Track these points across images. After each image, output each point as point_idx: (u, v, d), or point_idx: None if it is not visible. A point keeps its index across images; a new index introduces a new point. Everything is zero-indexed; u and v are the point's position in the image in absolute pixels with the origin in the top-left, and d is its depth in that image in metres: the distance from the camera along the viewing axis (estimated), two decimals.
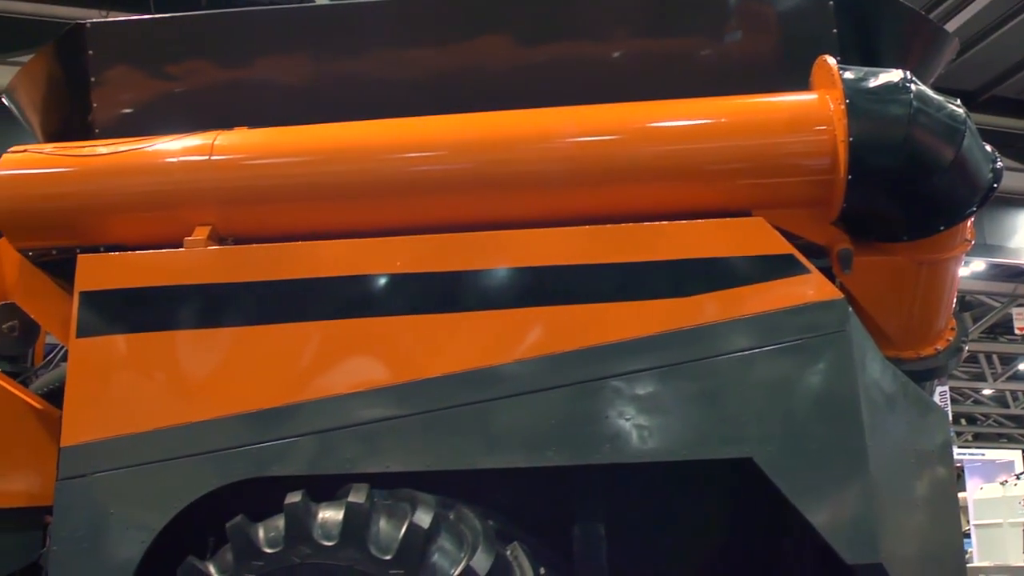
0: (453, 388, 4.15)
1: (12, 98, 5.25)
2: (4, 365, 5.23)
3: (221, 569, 3.88)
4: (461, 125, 4.59)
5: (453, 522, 4.00)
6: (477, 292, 4.25)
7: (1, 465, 4.60)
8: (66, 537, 4.18)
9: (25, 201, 4.66)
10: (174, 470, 4.16)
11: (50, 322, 4.98)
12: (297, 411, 4.17)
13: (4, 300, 5.23)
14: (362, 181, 4.48)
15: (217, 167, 4.53)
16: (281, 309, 4.26)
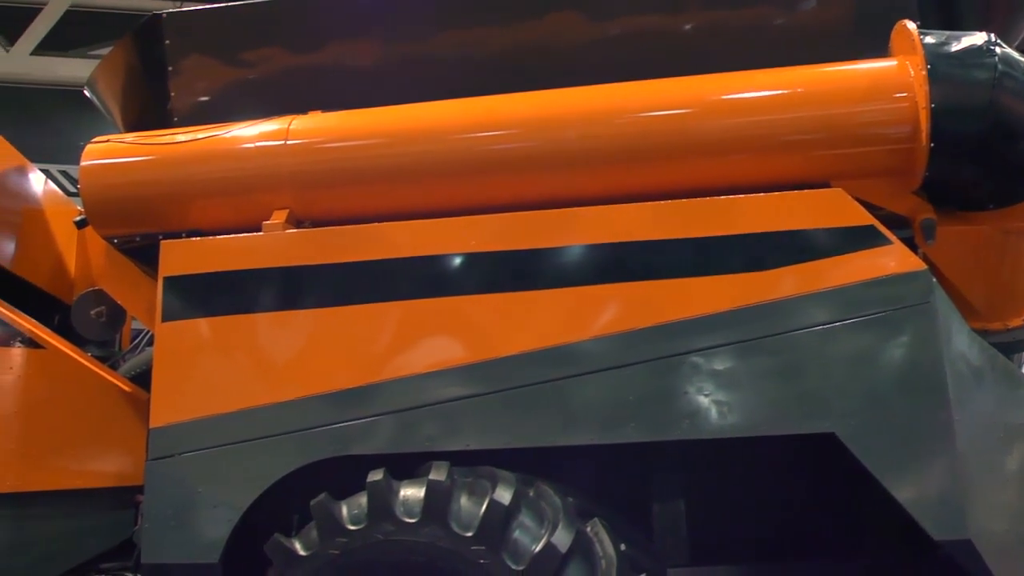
0: (530, 366, 4.16)
1: (93, 90, 5.36)
2: (93, 350, 5.38)
3: (306, 546, 3.94)
4: (533, 102, 4.58)
5: (533, 499, 4.01)
6: (553, 269, 4.24)
7: (93, 447, 4.75)
8: (157, 515, 4.29)
9: (109, 190, 4.78)
10: (258, 450, 4.24)
11: (136, 307, 5.12)
12: (377, 391, 4.21)
13: (91, 287, 5.39)
14: (435, 161, 4.50)
15: (293, 151, 4.59)
16: (359, 290, 4.30)
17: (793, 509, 4.95)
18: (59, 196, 6.10)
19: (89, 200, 4.80)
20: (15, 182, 5.56)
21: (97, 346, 5.54)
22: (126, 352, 5.74)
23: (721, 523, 4.85)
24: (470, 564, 3.78)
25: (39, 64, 11.70)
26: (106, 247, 5.05)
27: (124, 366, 5.27)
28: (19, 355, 4.73)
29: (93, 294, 5.33)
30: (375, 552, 3.87)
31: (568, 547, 3.77)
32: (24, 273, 5.50)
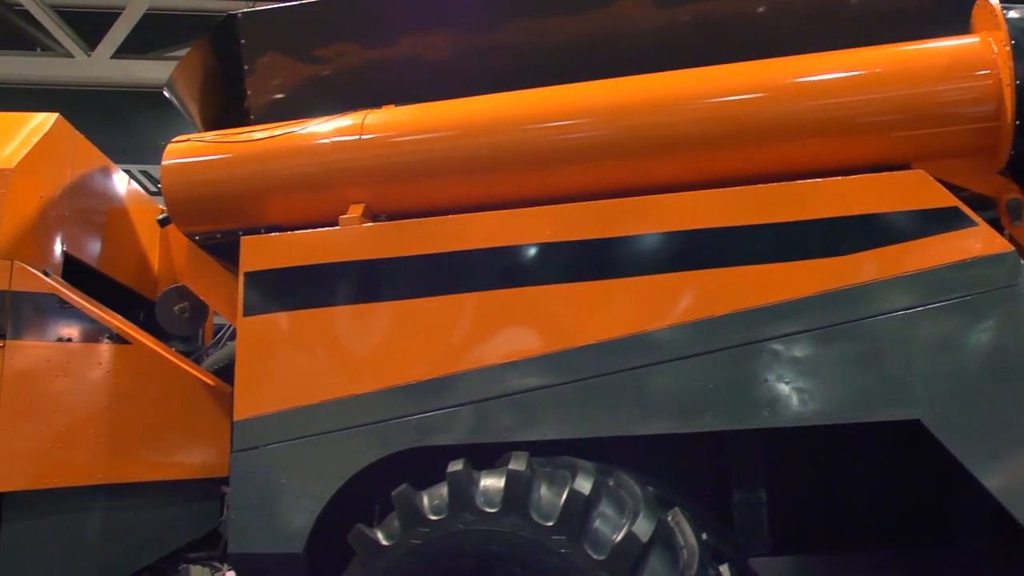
0: (608, 355, 4.15)
1: (172, 90, 5.47)
2: (177, 345, 5.50)
3: (388, 535, 3.98)
4: (606, 90, 4.56)
5: (613, 488, 4.00)
6: (628, 258, 4.22)
7: (180, 440, 4.86)
8: (242, 506, 4.38)
9: (190, 188, 4.88)
10: (339, 442, 4.30)
11: (217, 302, 5.22)
12: (455, 382, 4.24)
13: (174, 283, 5.51)
14: (509, 152, 4.50)
15: (367, 146, 4.64)
16: (436, 282, 4.33)
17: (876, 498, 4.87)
18: (142, 195, 6.25)
19: (171, 198, 4.92)
20: (100, 183, 5.71)
21: (181, 341, 5.67)
22: (209, 347, 5.86)
23: (803, 512, 4.79)
24: (551, 554, 3.78)
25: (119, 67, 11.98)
26: (188, 244, 5.16)
27: (207, 360, 5.38)
28: (107, 351, 4.86)
29: (176, 290, 5.45)
30: (456, 542, 3.89)
31: (649, 537, 3.75)
32: (110, 271, 5.66)
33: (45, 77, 12.21)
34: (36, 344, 4.77)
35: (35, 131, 5.19)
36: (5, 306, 4.73)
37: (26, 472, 4.68)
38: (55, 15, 12.20)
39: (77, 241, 5.35)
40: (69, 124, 5.42)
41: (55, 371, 4.76)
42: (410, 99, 4.84)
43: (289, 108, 5.14)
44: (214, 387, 4.91)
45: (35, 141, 5.10)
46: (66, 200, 5.28)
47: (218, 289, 5.16)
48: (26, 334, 4.76)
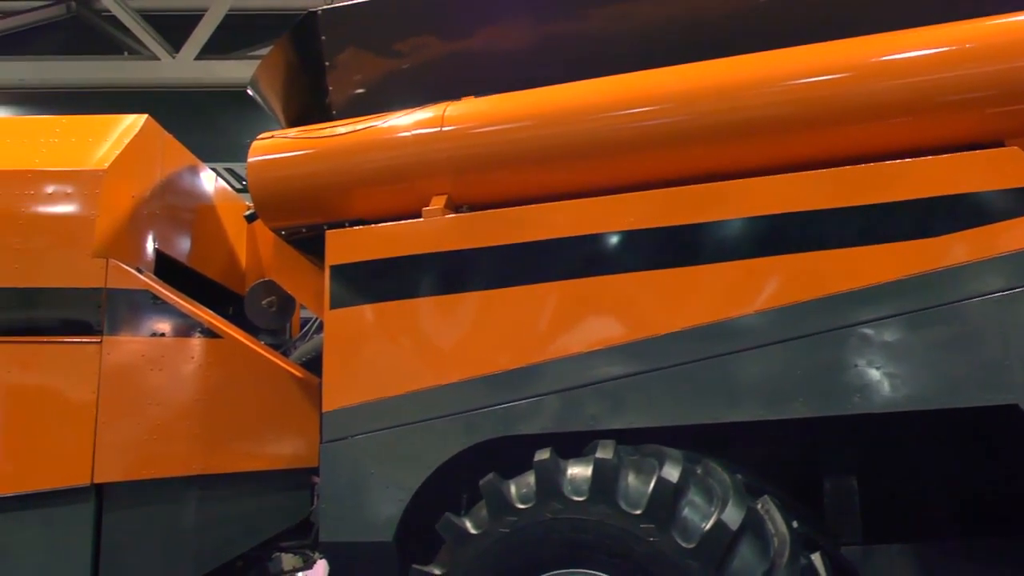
0: (693, 342, 4.12)
1: (256, 88, 5.57)
2: (265, 338, 5.61)
3: (477, 524, 4.01)
4: (685, 75, 4.51)
5: (701, 476, 3.98)
6: (713, 244, 4.18)
7: (270, 431, 4.95)
8: (332, 495, 4.45)
9: (276, 184, 4.96)
10: (426, 432, 4.34)
11: (304, 296, 5.31)
12: (540, 371, 4.25)
13: (262, 278, 5.62)
14: (590, 140, 4.48)
15: (448, 137, 4.66)
16: (520, 272, 4.34)
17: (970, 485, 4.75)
18: (229, 192, 6.39)
19: (257, 194, 5.00)
20: (189, 181, 5.85)
21: (269, 334, 5.78)
22: (296, 339, 5.96)
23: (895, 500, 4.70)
24: (639, 542, 3.77)
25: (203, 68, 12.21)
26: (274, 239, 5.25)
27: (295, 353, 5.47)
28: (199, 345, 4.98)
29: (264, 285, 5.56)
30: (544, 530, 3.90)
31: (739, 524, 3.72)
32: (200, 267, 5.79)
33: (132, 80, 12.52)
34: (131, 339, 4.91)
35: (126, 133, 5.33)
36: (102, 303, 4.88)
37: (125, 464, 4.83)
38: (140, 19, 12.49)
39: (168, 238, 5.49)
40: (158, 125, 5.56)
41: (150, 365, 4.90)
42: (489, 90, 4.84)
43: (370, 102, 5.18)
44: (303, 379, 4.99)
45: (126, 142, 5.25)
46: (157, 199, 5.42)
47: (304, 283, 5.24)
48: (122, 330, 4.91)
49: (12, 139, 5.45)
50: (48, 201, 5.04)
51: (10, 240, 4.98)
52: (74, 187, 5.03)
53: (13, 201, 5.03)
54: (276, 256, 5.32)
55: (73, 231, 4.96)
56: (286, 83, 5.56)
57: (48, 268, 4.95)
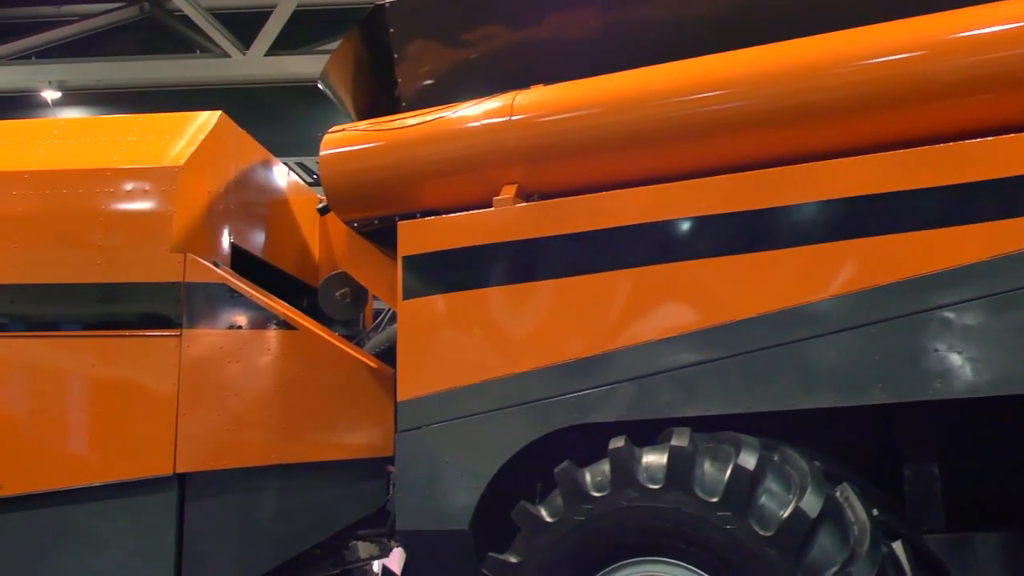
0: (768, 328, 4.06)
1: (326, 82, 5.62)
2: (339, 329, 5.67)
3: (552, 513, 4.02)
4: (758, 57, 4.44)
5: (779, 464, 3.93)
6: (788, 228, 4.12)
7: (346, 421, 5.01)
8: (408, 484, 4.49)
9: (347, 176, 5.01)
10: (500, 420, 4.36)
11: (377, 287, 5.35)
12: (613, 359, 4.23)
13: (335, 270, 5.68)
14: (660, 125, 4.44)
15: (518, 126, 4.66)
16: (591, 259, 4.33)
17: None
18: (301, 186, 6.47)
19: (329, 187, 5.06)
20: (262, 176, 5.94)
21: (343, 325, 5.85)
22: (369, 330, 6.02)
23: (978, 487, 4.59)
24: (716, 530, 3.74)
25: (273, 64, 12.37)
26: (347, 231, 5.30)
27: (369, 343, 5.52)
28: (275, 337, 5.05)
29: (337, 277, 5.62)
30: (620, 518, 3.90)
31: (818, 512, 3.67)
32: (274, 260, 5.88)
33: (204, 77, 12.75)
34: (210, 332, 5.01)
35: (200, 129, 5.43)
36: (180, 297, 4.99)
37: (205, 454, 4.94)
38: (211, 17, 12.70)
39: (242, 232, 5.58)
40: (231, 121, 5.64)
41: (228, 357, 5.00)
42: (558, 77, 4.83)
43: (439, 93, 5.20)
44: (377, 369, 5.04)
45: (201, 139, 5.35)
46: (231, 194, 5.51)
47: (377, 274, 5.28)
48: (200, 323, 5.01)
49: (92, 138, 5.58)
50: (127, 198, 5.16)
51: (91, 237, 5.11)
52: (152, 184, 5.14)
53: (93, 199, 5.16)
54: (349, 248, 5.37)
55: (151, 227, 5.08)
56: (356, 76, 5.60)
57: (128, 263, 5.08)
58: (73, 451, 5.04)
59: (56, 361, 5.11)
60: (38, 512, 5.00)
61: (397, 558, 6.44)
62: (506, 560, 4.08)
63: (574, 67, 4.86)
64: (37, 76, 12.97)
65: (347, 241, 5.37)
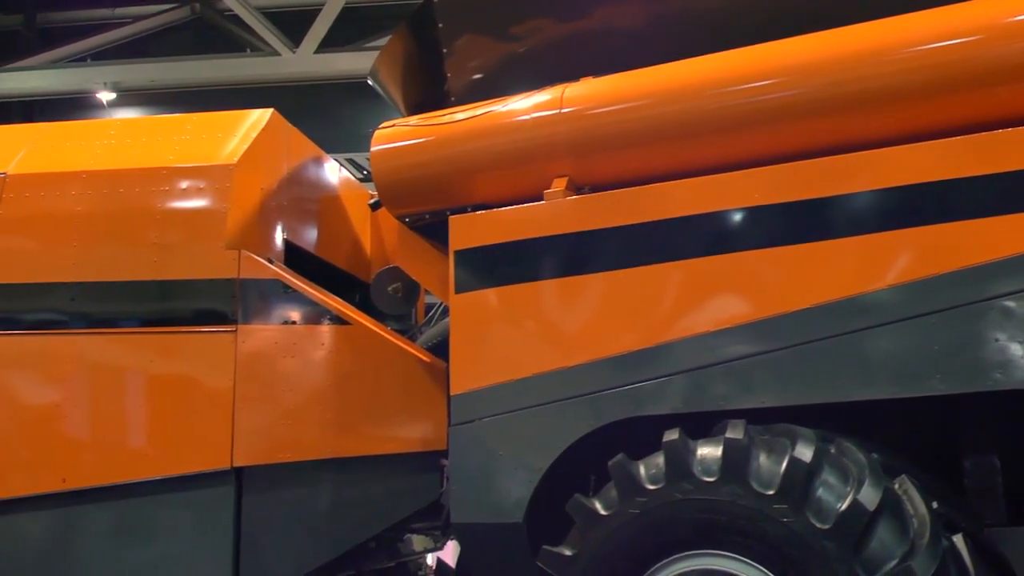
0: (824, 319, 4.02)
1: (376, 79, 5.65)
2: (392, 324, 5.71)
3: (607, 505, 4.01)
4: (810, 45, 4.38)
5: (835, 456, 3.88)
6: (842, 218, 4.07)
7: (399, 414, 5.04)
8: (462, 478, 4.51)
9: (399, 172, 5.03)
10: (554, 414, 4.36)
11: (429, 281, 5.38)
12: (667, 351, 4.21)
13: (387, 265, 5.71)
14: (712, 116, 4.40)
15: (568, 119, 4.65)
16: (643, 251, 4.30)
17: None
18: (352, 182, 6.51)
19: (381, 183, 5.09)
20: (314, 172, 5.99)
21: (395, 320, 5.88)
22: (422, 325, 6.04)
23: None
24: (773, 523, 3.71)
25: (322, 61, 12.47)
26: (398, 226, 5.33)
27: (421, 338, 5.54)
28: (329, 332, 5.09)
29: (389, 271, 5.66)
30: (675, 511, 3.89)
31: (876, 505, 3.62)
32: (327, 256, 5.93)
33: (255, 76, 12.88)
34: (264, 327, 5.06)
35: (253, 127, 5.49)
36: (235, 293, 5.04)
37: (261, 448, 4.99)
38: (261, 16, 12.83)
39: (296, 229, 5.63)
40: (283, 119, 5.69)
41: (282, 352, 5.04)
42: (609, 69, 4.80)
43: (488, 87, 5.20)
44: (430, 363, 5.06)
45: (253, 137, 5.41)
46: (284, 190, 5.57)
47: (429, 268, 5.30)
48: (255, 318, 5.06)
49: (147, 138, 5.66)
50: (182, 196, 5.24)
51: (147, 235, 5.19)
52: (206, 182, 5.21)
53: (149, 197, 5.24)
54: (400, 243, 5.40)
55: (206, 224, 5.14)
56: (405, 72, 5.63)
57: (184, 261, 5.15)
58: (133, 445, 5.13)
59: (115, 357, 5.20)
60: (99, 505, 5.09)
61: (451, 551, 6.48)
62: (560, 553, 4.09)
63: (623, 58, 4.83)
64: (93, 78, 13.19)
65: (399, 236, 5.39)
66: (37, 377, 5.24)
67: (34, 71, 13.41)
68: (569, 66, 4.97)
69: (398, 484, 5.07)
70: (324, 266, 5.87)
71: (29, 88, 13.41)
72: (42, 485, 5.10)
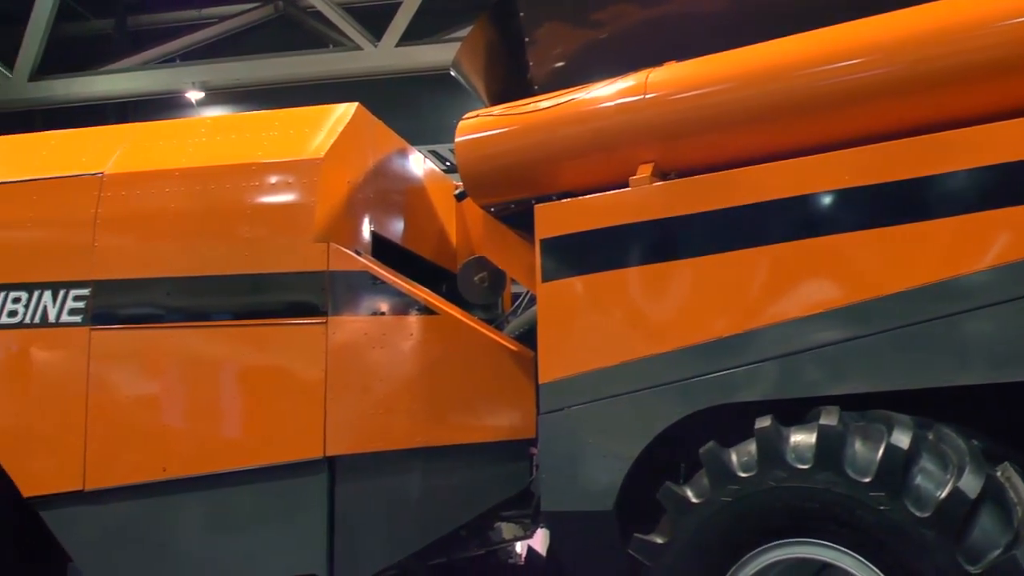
0: (919, 302, 3.92)
1: (459, 70, 5.67)
2: (479, 313, 5.73)
3: (698, 493, 3.98)
4: (900, 22, 4.27)
5: (934, 442, 3.79)
6: (937, 198, 3.96)
7: (488, 403, 5.05)
8: (552, 466, 4.51)
9: (483, 162, 5.04)
10: (643, 401, 4.33)
11: (515, 270, 5.39)
12: (757, 337, 4.15)
13: (473, 255, 5.74)
14: (799, 97, 4.32)
15: (653, 104, 4.60)
16: (732, 237, 4.24)
17: None
18: (437, 173, 6.56)
19: (466, 173, 5.10)
20: (399, 164, 6.04)
21: (482, 309, 5.90)
22: (508, 314, 6.06)
23: None
24: (869, 511, 3.64)
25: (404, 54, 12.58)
26: (484, 216, 5.35)
27: (508, 327, 5.56)
28: (417, 322, 5.13)
29: (475, 261, 5.68)
30: (768, 499, 3.84)
31: (978, 492, 3.53)
32: (413, 247, 5.98)
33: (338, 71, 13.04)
34: (354, 319, 5.12)
35: (338, 121, 5.55)
36: (325, 285, 5.11)
37: (353, 437, 5.06)
38: (343, 12, 12.99)
39: (382, 220, 5.69)
40: (368, 112, 5.75)
41: (372, 343, 5.10)
42: (692, 53, 4.75)
43: (571, 75, 5.18)
44: (517, 352, 5.06)
45: (339, 131, 5.46)
46: (370, 183, 5.63)
47: (515, 257, 5.31)
48: (344, 310, 5.13)
49: (236, 134, 5.78)
50: (271, 191, 5.33)
51: (239, 229, 5.29)
52: (294, 176, 5.29)
53: (240, 192, 5.34)
54: (486, 232, 5.42)
55: (295, 218, 5.22)
56: (487, 62, 5.65)
57: (274, 254, 5.23)
58: (229, 435, 5.24)
59: (210, 350, 5.32)
60: (196, 494, 5.21)
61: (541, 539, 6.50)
62: (652, 541, 4.07)
63: (707, 42, 4.77)
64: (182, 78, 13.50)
65: (484, 226, 5.42)
66: (138, 370, 5.39)
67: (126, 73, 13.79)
68: (652, 51, 4.92)
69: (488, 472, 5.08)
70: (411, 257, 5.92)
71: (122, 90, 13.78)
72: (144, 474, 5.24)
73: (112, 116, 13.75)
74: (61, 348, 5.43)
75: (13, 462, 5.37)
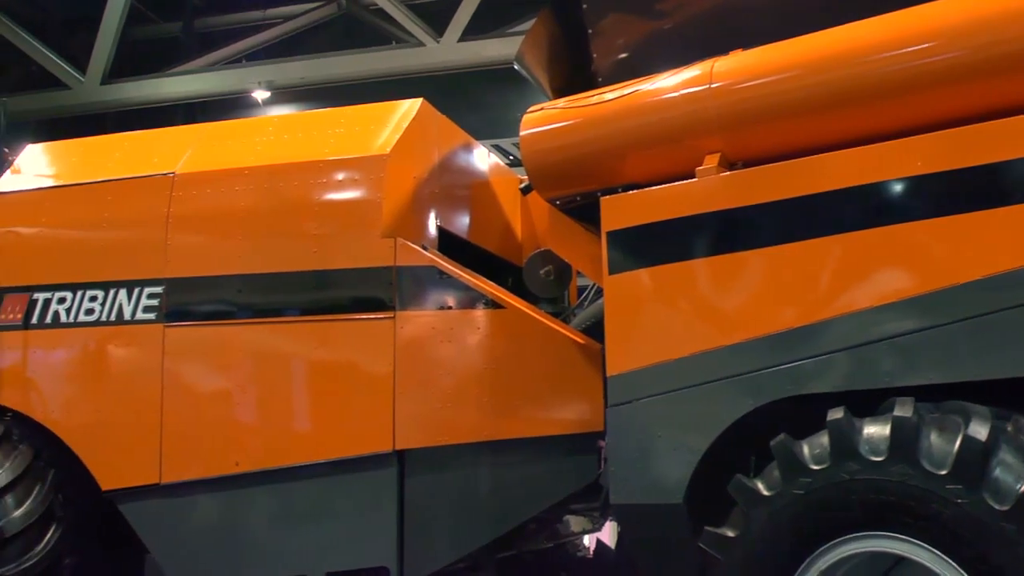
0: (995, 290, 3.83)
1: (522, 63, 5.65)
2: (545, 307, 5.74)
3: (769, 486, 3.95)
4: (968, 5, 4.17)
5: (1013, 434, 3.71)
6: (1009, 185, 3.86)
7: (555, 396, 5.05)
8: (621, 459, 4.49)
9: (548, 155, 5.03)
10: (712, 393, 4.29)
11: (581, 263, 5.38)
12: (828, 328, 4.09)
13: (538, 248, 5.75)
14: (867, 84, 4.23)
15: (719, 94, 4.55)
16: (801, 226, 4.18)
17: None
18: (501, 167, 6.58)
19: (531, 166, 5.09)
20: (464, 159, 6.07)
21: (548, 303, 5.90)
22: (575, 307, 6.06)
23: None
24: (946, 504, 3.58)
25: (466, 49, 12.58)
26: (549, 209, 5.34)
27: (575, 320, 5.55)
28: (484, 316, 5.15)
29: (541, 254, 5.69)
30: (840, 491, 3.79)
31: None
32: (479, 241, 6.01)
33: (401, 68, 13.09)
34: (422, 313, 5.16)
35: (403, 117, 5.60)
36: (393, 280, 5.16)
37: (422, 431, 5.10)
38: (405, 8, 13.06)
39: (447, 215, 5.72)
40: (432, 108, 5.78)
41: (440, 337, 5.13)
42: (757, 41, 4.69)
43: (635, 66, 5.15)
44: (584, 345, 5.05)
45: (404, 127, 5.51)
46: (435, 178, 5.66)
47: (581, 250, 5.30)
48: (412, 305, 5.17)
49: (303, 132, 5.85)
50: (338, 187, 5.39)
51: (307, 226, 5.36)
52: (361, 173, 5.34)
53: (308, 190, 5.41)
54: (551, 225, 5.41)
55: (362, 214, 5.27)
56: (551, 55, 5.63)
57: (342, 250, 5.29)
58: (299, 430, 5.32)
59: (280, 345, 5.40)
60: (267, 488, 5.30)
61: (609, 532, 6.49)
62: (723, 534, 4.04)
63: (773, 29, 4.70)
64: (248, 78, 13.67)
65: (549, 219, 5.41)
66: (210, 366, 5.50)
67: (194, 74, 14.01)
68: (717, 40, 4.87)
69: (556, 465, 5.09)
70: (477, 251, 5.95)
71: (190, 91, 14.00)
72: (217, 468, 5.34)
73: (180, 117, 13.99)
74: (136, 345, 5.56)
75: (92, 457, 5.52)
